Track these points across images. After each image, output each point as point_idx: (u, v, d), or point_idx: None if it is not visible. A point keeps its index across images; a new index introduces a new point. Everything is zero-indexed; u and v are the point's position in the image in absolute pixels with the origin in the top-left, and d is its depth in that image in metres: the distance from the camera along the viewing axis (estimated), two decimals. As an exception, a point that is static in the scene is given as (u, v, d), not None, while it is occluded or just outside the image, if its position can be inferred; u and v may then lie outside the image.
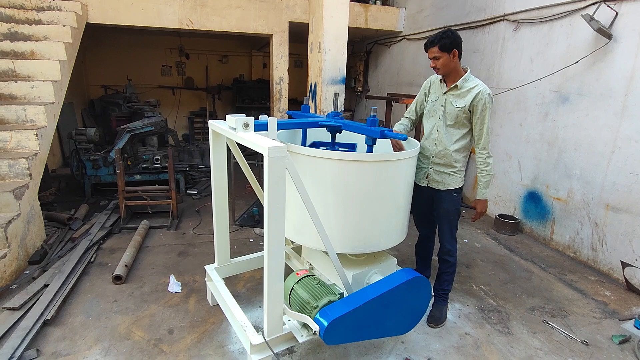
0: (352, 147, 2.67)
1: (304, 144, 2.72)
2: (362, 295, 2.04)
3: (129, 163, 5.24)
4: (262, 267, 2.97)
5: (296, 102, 9.09)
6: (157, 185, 4.48)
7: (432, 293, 2.82)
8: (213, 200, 2.59)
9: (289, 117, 2.94)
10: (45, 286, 2.80)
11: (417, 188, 2.67)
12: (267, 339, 1.98)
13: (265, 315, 1.98)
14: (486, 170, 2.45)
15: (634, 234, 3.16)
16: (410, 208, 2.83)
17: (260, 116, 2.23)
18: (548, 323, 2.68)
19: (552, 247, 3.93)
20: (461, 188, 2.60)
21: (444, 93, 2.45)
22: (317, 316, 1.92)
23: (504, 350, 2.40)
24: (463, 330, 2.57)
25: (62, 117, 6.61)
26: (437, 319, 2.62)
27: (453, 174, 2.53)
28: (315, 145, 2.72)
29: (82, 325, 2.46)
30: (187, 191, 5.33)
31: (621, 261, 3.22)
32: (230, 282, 3.01)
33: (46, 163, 5.02)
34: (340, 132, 2.52)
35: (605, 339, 2.54)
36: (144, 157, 5.32)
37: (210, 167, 2.52)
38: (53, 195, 4.63)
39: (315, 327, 1.89)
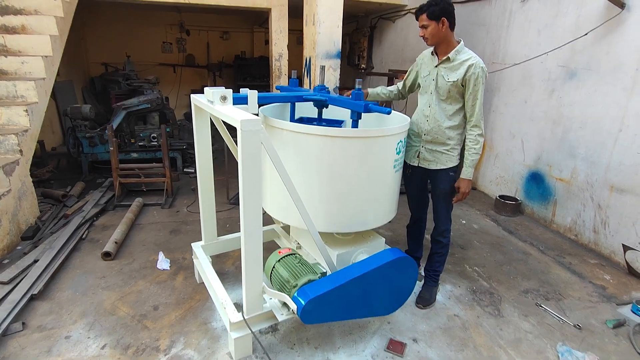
0: (340, 124, 2.56)
1: (292, 119, 2.62)
2: (343, 274, 1.98)
3: (132, 141, 5.21)
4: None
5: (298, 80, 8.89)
6: (153, 163, 4.45)
7: (423, 274, 2.77)
8: (198, 176, 2.54)
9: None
10: (36, 261, 2.81)
11: (408, 168, 2.57)
12: (246, 318, 1.96)
13: (244, 294, 1.95)
14: (475, 148, 2.33)
15: (638, 216, 3.03)
16: (405, 190, 2.75)
17: (240, 89, 2.14)
18: (541, 306, 2.61)
19: (553, 230, 3.81)
20: (457, 167, 2.49)
21: (436, 66, 2.32)
22: (296, 295, 1.88)
23: (493, 332, 2.35)
24: (452, 312, 2.52)
25: (62, 94, 6.61)
26: (426, 300, 2.57)
27: (446, 152, 2.42)
28: (302, 121, 2.61)
29: (69, 300, 2.47)
30: (185, 169, 5.30)
31: (623, 244, 3.10)
32: (219, 260, 3.00)
33: (43, 141, 5.05)
34: (326, 107, 2.41)
35: (599, 323, 2.47)
36: (141, 134, 5.28)
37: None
38: (50, 173, 4.63)
39: (293, 306, 1.85)
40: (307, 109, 2.70)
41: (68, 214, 3.58)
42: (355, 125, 2.14)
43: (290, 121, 2.54)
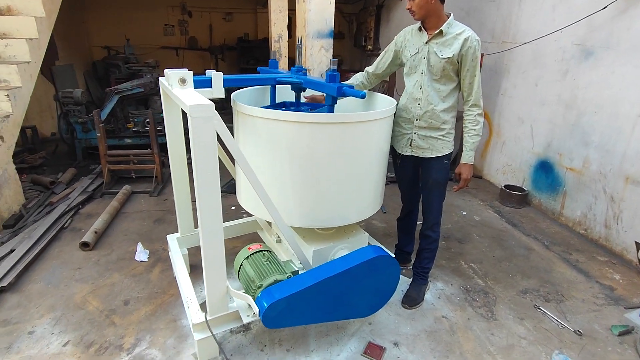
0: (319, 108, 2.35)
1: (272, 104, 2.43)
2: (314, 274, 1.82)
3: (128, 126, 5.11)
4: (233, 236, 2.82)
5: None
6: (147, 150, 4.33)
7: (412, 270, 2.59)
8: (170, 164, 2.40)
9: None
10: (12, 251, 2.74)
11: (400, 158, 2.36)
12: (208, 319, 1.82)
13: (207, 295, 1.81)
14: (475, 129, 2.12)
15: (654, 211, 2.75)
16: (397, 183, 2.55)
17: (206, 71, 1.95)
18: (539, 308, 2.40)
19: (561, 223, 3.55)
20: (452, 154, 2.28)
21: (426, 42, 2.07)
22: (259, 296, 1.73)
23: (483, 337, 2.16)
24: (440, 313, 2.34)
25: (62, 79, 6.52)
26: (412, 300, 2.39)
27: (442, 137, 2.19)
28: (284, 105, 2.41)
29: (39, 293, 2.39)
30: (179, 156, 5.17)
31: (636, 241, 2.83)
32: (199, 251, 2.87)
33: (35, 126, 4.99)
34: (304, 90, 2.20)
35: (603, 329, 2.25)
36: (136, 120, 5.16)
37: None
38: (42, 159, 4.58)
39: (256, 309, 1.71)
40: (285, 93, 2.49)
41: (53, 201, 3.51)
42: (330, 110, 1.94)
43: (271, 107, 2.35)
